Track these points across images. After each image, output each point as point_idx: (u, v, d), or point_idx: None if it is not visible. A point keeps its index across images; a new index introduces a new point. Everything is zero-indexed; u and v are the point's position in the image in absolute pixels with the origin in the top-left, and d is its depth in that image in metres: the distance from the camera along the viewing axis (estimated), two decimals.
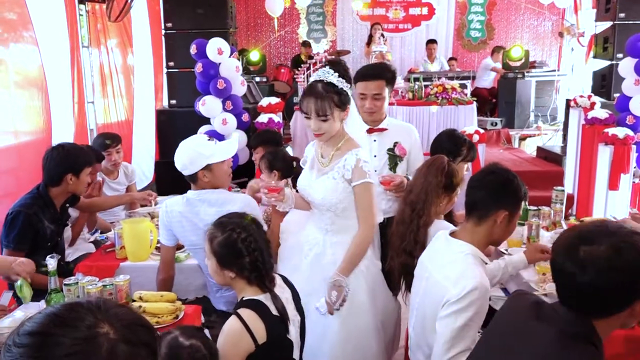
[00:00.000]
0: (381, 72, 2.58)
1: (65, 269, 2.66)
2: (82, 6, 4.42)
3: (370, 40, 8.25)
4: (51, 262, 1.90)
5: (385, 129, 2.67)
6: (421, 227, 2.21)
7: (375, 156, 2.61)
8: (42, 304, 2.02)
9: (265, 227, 1.89)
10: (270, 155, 3.05)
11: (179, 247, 2.74)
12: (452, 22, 9.71)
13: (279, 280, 1.78)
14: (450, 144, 2.93)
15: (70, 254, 2.99)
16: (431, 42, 8.78)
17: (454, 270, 1.76)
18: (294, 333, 1.71)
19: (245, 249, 1.65)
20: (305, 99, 2.07)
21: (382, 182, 2.46)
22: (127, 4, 4.63)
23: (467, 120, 5.83)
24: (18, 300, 2.21)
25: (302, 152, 2.82)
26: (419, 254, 2.21)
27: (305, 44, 8.95)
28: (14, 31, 3.46)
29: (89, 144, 4.30)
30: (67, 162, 2.69)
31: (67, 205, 2.86)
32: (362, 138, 2.26)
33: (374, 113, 2.61)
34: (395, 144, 2.64)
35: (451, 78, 6.60)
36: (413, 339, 1.99)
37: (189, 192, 2.32)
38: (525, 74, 7.74)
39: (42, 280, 2.27)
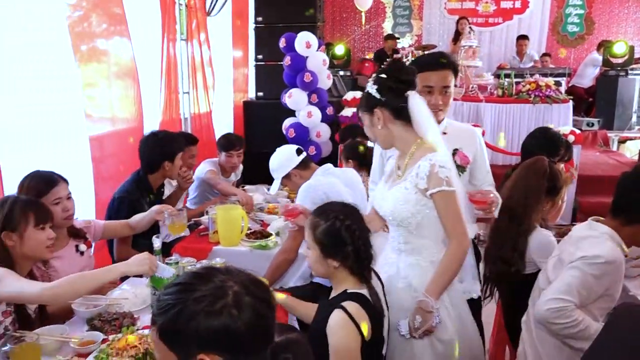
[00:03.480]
0: (445, 60, 2.13)
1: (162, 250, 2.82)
2: (181, 0, 4.63)
3: (457, 37, 7.99)
4: (157, 242, 2.03)
5: (444, 133, 2.14)
6: (521, 235, 2.10)
7: None
8: (144, 280, 2.15)
9: None
10: (346, 147, 3.46)
11: (267, 234, 2.82)
12: (547, 15, 9.18)
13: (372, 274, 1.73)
14: (547, 143, 2.77)
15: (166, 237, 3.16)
16: (522, 37, 8.38)
17: (585, 243, 1.73)
18: (385, 328, 1.68)
19: (350, 237, 1.60)
20: None
21: (473, 200, 2.07)
22: None
23: (561, 119, 5.50)
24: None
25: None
26: (517, 262, 2.11)
27: (390, 38, 8.80)
28: (119, 25, 3.70)
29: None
30: (163, 149, 2.88)
31: (162, 189, 3.03)
32: (438, 141, 1.86)
33: (440, 111, 2.15)
34: (455, 151, 2.19)
35: (545, 75, 6.25)
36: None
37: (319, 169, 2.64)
38: (629, 72, 7.18)
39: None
